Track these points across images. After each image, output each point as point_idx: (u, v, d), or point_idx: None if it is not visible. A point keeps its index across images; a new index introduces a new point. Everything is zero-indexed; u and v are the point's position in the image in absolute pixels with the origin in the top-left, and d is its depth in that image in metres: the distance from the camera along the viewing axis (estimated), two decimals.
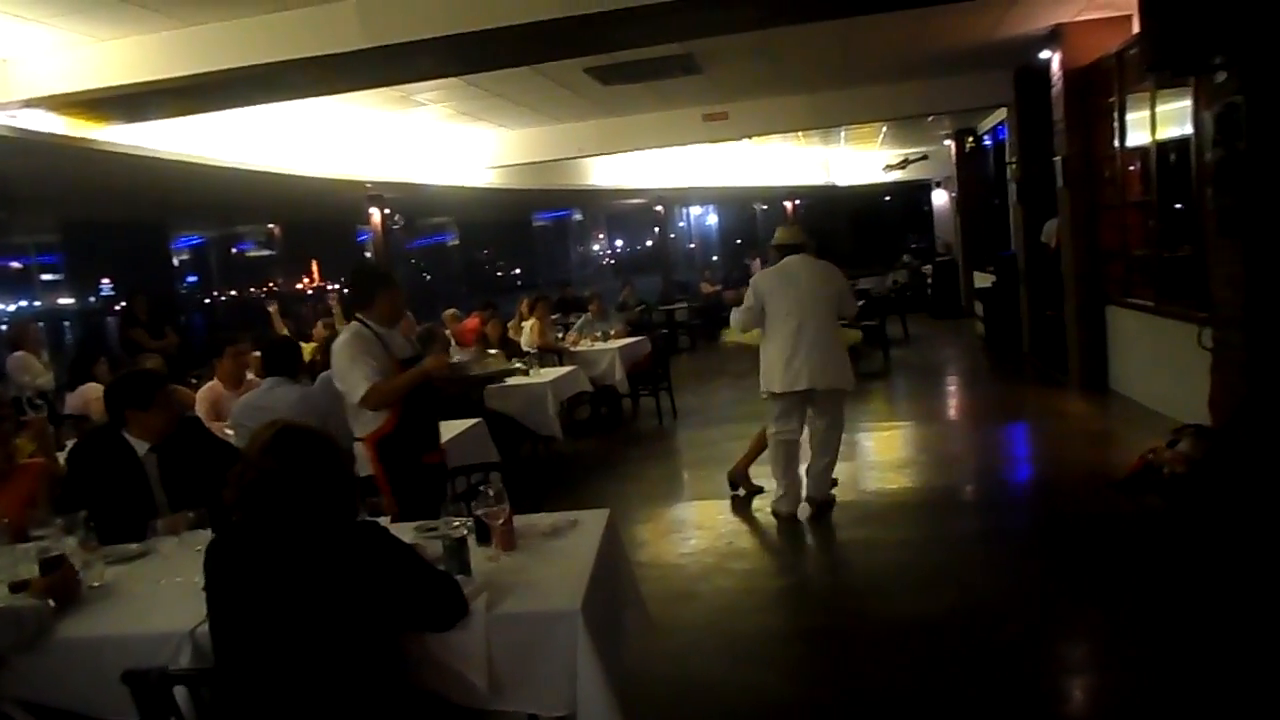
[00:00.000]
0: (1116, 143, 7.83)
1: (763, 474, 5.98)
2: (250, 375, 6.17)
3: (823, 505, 5.71)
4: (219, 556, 2.20)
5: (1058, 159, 8.67)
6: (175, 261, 20.20)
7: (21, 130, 6.27)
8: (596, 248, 30.25)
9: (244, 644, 2.14)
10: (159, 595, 2.74)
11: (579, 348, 9.39)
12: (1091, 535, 4.92)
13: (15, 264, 17.41)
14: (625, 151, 13.05)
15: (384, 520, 2.97)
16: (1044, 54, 8.86)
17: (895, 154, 18.52)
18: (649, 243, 24.10)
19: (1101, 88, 8.06)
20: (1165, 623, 3.83)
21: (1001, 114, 12.38)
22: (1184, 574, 4.29)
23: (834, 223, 22.50)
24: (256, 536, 2.17)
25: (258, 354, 5.70)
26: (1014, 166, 10.88)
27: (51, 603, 2.57)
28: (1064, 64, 8.39)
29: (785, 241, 5.76)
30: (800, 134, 14.62)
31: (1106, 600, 4.13)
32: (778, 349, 5.52)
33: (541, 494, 5.99)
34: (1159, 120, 6.98)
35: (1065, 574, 4.46)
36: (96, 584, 2.83)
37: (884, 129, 15.33)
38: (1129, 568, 4.43)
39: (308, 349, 7.66)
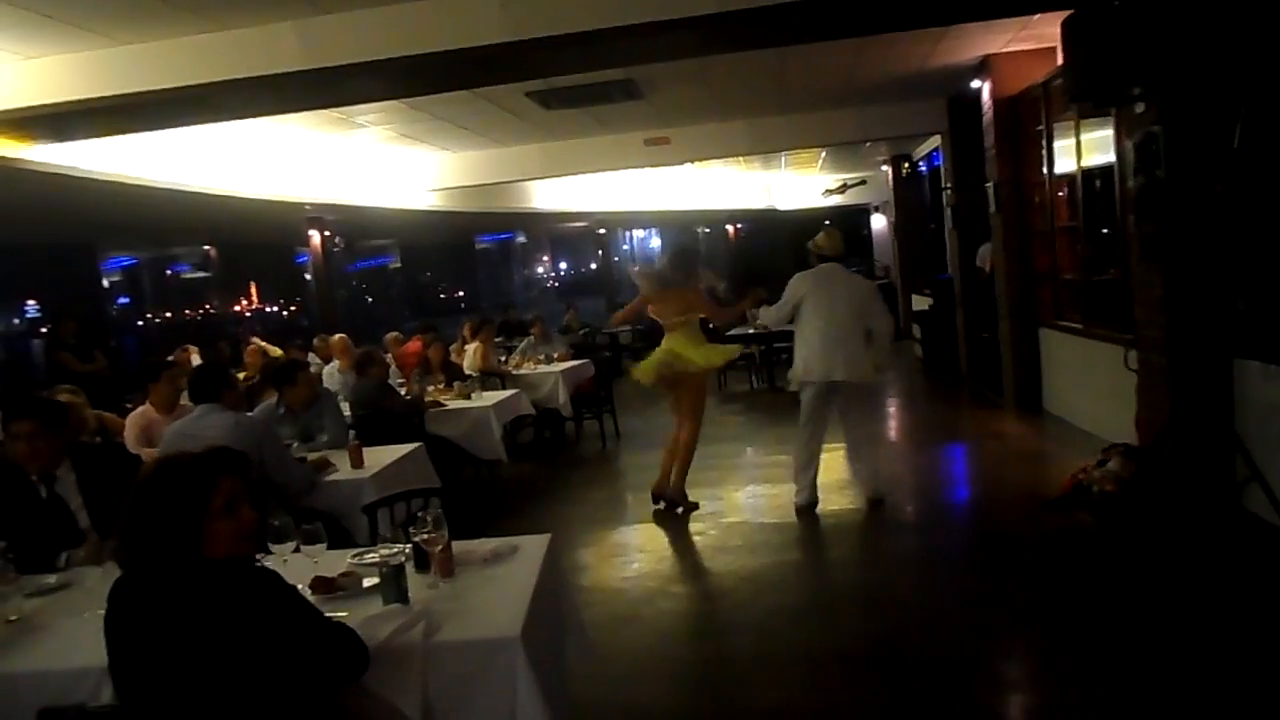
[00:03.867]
0: (1045, 170, 8.07)
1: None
2: (184, 401, 6.02)
3: (877, 502, 6.09)
4: (118, 596, 2.09)
5: (990, 185, 8.89)
6: (106, 283, 19.68)
7: None
8: (540, 270, 30.19)
9: (141, 688, 2.04)
10: (79, 629, 2.63)
11: (522, 370, 9.35)
12: (1025, 554, 5.01)
13: None
14: (568, 175, 13.08)
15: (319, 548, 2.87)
16: (975, 83, 9.11)
17: (835, 179, 18.81)
18: (592, 265, 24.11)
19: (1030, 116, 8.31)
20: (1097, 638, 3.91)
21: (936, 141, 12.68)
22: (1114, 590, 4.40)
23: (776, 246, 22.76)
24: (145, 576, 2.07)
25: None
26: (949, 192, 11.14)
27: None
28: (994, 93, 8.63)
29: (824, 249, 6.16)
30: (741, 158, 14.79)
31: (1040, 618, 4.21)
32: (809, 345, 5.97)
33: (483, 519, 5.93)
34: (1084, 148, 7.21)
35: (1001, 593, 4.54)
36: (14, 618, 2.73)
37: (823, 154, 15.59)
38: (1061, 585, 4.53)
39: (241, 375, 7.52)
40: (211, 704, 1.98)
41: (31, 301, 18.05)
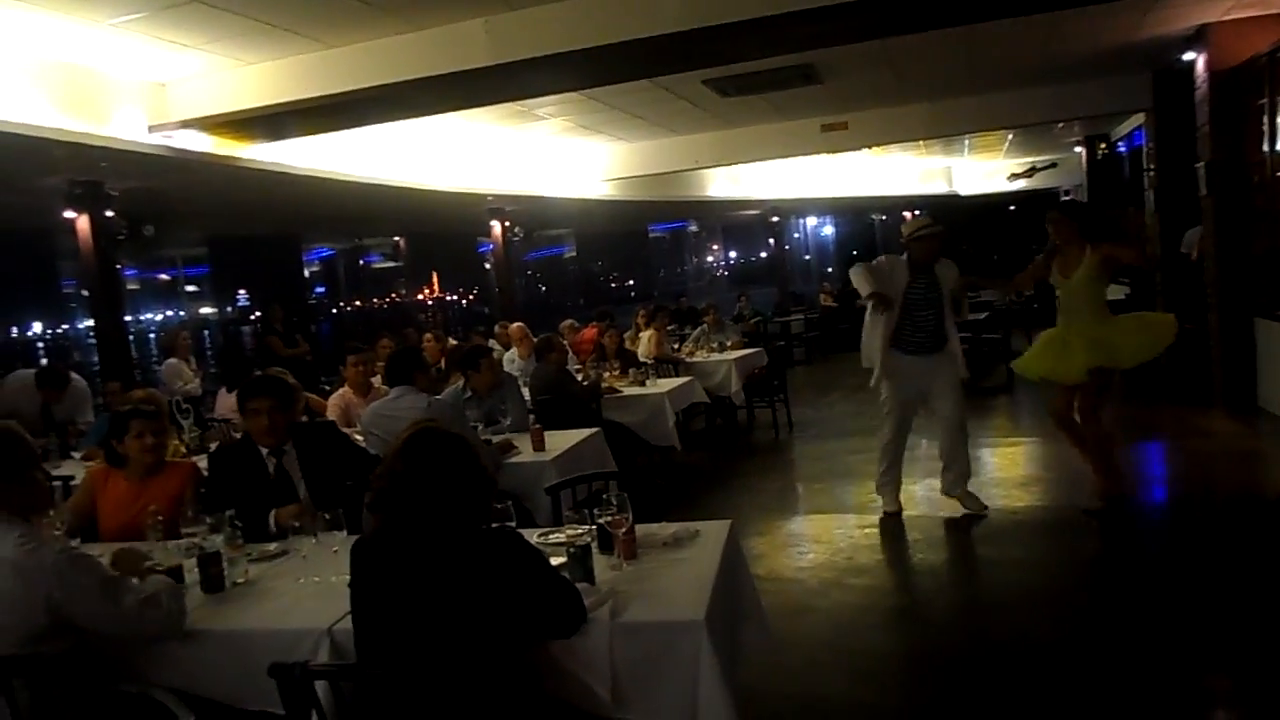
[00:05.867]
0: (1267, 147, 7.38)
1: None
2: (377, 383, 6.40)
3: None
4: (363, 556, 2.28)
5: (1200, 165, 8.23)
6: (306, 273, 21.16)
7: (176, 150, 6.69)
8: (711, 259, 30.25)
9: (384, 642, 2.20)
10: (299, 593, 2.86)
11: (695, 358, 9.41)
12: (1238, 558, 4.63)
13: (164, 276, 18.61)
14: (742, 163, 13.03)
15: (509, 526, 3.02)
16: (1187, 55, 8.42)
17: (1021, 162, 17.93)
18: (764, 254, 23.95)
19: (1251, 90, 7.61)
20: None
21: (1138, 119, 11.84)
22: None
23: (956, 233, 21.90)
24: (397, 538, 2.24)
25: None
26: (1151, 174, 10.38)
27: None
28: (1210, 65, 7.95)
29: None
30: (921, 143, 14.30)
31: (1255, 628, 3.87)
32: None
33: (657, 504, 5.98)
34: None
35: (1202, 601, 4.20)
36: (241, 580, 2.98)
37: (1009, 136, 14.87)
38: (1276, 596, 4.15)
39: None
40: (450, 652, 2.15)
41: (242, 291, 19.66)
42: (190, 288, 19.92)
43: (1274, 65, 7.12)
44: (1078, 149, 15.62)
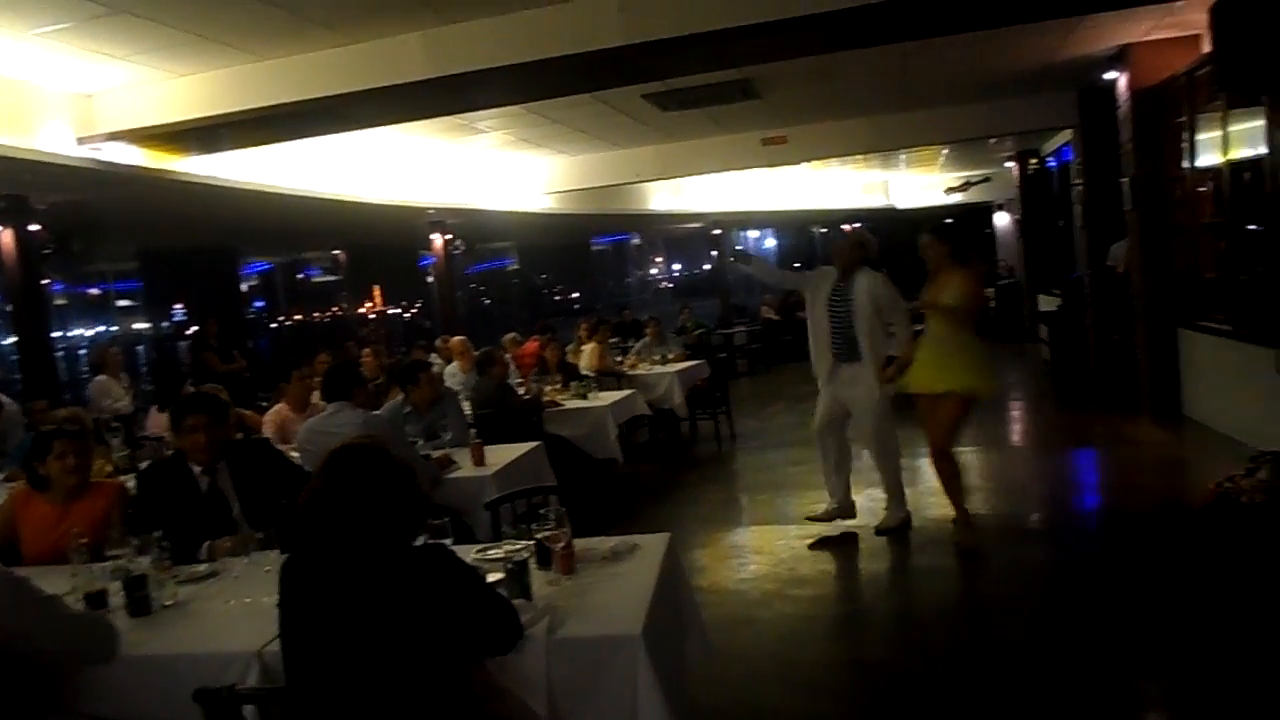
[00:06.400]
0: (1186, 163, 7.66)
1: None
2: (315, 399, 6.30)
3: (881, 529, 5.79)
4: (292, 576, 2.24)
5: (1125, 180, 8.50)
6: (244, 287, 20.71)
7: (104, 162, 6.52)
8: (654, 271, 30.35)
9: (313, 663, 2.17)
10: (228, 615, 2.80)
11: (637, 371, 9.42)
12: (1164, 565, 4.77)
13: (94, 291, 18.09)
14: (683, 176, 13.12)
15: (446, 542, 2.99)
16: (1110, 74, 8.71)
17: (956, 176, 18.32)
18: (707, 266, 24.13)
19: (1171, 108, 7.90)
20: (1245, 657, 3.69)
21: (1066, 135, 12.19)
22: (1263, 605, 4.14)
23: (894, 246, 22.28)
24: (325, 557, 2.20)
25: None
26: (1079, 188, 10.69)
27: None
28: (1131, 84, 8.23)
29: None
30: (860, 157, 14.54)
31: (1182, 633, 3.99)
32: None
33: (599, 518, 5.97)
34: (1231, 140, 6.81)
35: (1137, 605, 4.32)
36: (169, 603, 2.91)
37: (945, 151, 15.18)
38: (1205, 598, 4.28)
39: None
40: (382, 674, 2.12)
41: (178, 305, 19.16)
42: (122, 302, 19.37)
43: (1192, 85, 7.38)
44: (1010, 164, 16.01)
